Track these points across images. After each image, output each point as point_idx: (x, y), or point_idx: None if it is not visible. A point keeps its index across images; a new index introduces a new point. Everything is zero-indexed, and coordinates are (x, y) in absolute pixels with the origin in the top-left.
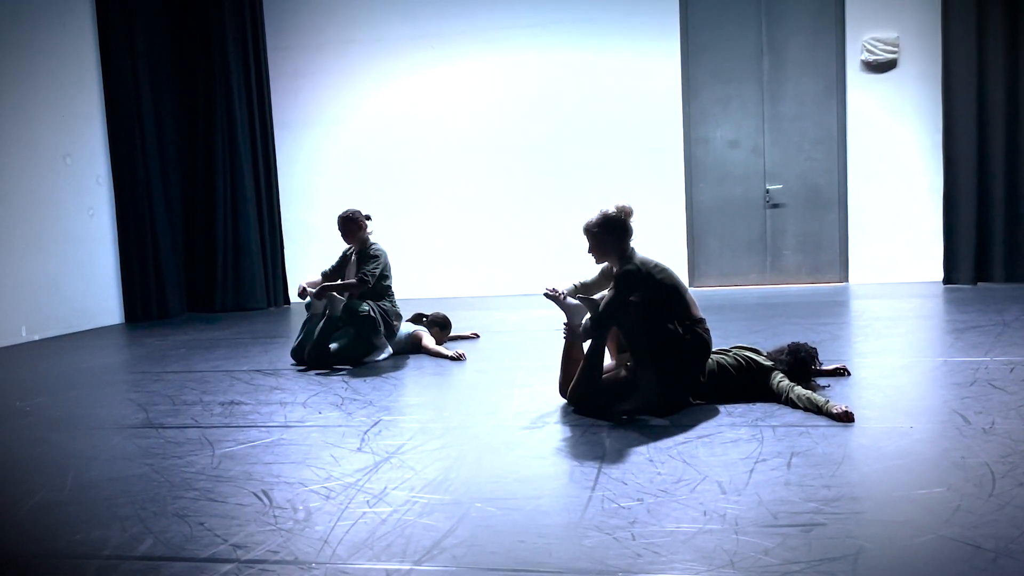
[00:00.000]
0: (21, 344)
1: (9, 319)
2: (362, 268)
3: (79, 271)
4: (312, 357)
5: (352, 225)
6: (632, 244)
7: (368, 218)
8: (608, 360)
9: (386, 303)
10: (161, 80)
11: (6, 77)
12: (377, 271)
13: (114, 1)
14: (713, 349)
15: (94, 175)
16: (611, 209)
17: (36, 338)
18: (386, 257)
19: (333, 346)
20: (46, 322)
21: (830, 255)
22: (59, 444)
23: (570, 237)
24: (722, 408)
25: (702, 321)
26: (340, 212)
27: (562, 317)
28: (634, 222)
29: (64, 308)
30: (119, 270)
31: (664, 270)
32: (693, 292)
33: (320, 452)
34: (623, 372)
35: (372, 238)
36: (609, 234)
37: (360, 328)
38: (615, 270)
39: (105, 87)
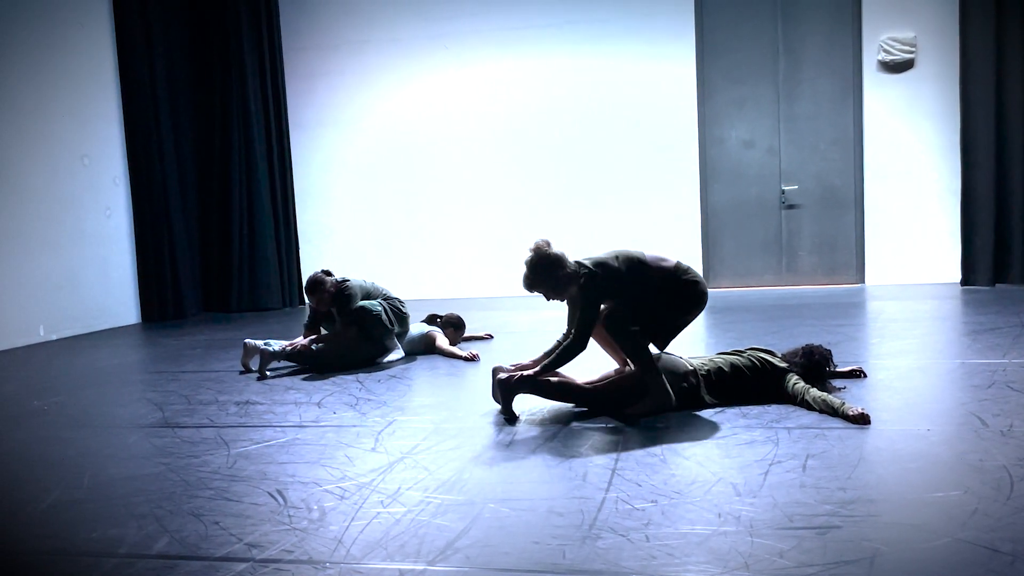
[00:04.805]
0: (39, 343)
1: (27, 318)
2: (342, 314)
3: (96, 271)
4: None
5: (321, 287)
6: (571, 260)
7: (328, 273)
8: (610, 366)
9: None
10: (178, 81)
11: (25, 78)
12: (354, 306)
13: (132, 3)
14: (728, 350)
15: (111, 176)
16: (531, 255)
17: (54, 337)
18: (359, 287)
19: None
20: (64, 321)
21: (846, 256)
22: (76, 443)
23: (583, 237)
24: (737, 410)
25: (678, 270)
26: (306, 287)
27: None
28: (556, 247)
29: (81, 308)
30: (136, 270)
31: (616, 255)
32: (708, 292)
33: (334, 452)
34: (632, 373)
35: (339, 278)
36: (550, 271)
37: (372, 330)
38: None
39: (122, 89)
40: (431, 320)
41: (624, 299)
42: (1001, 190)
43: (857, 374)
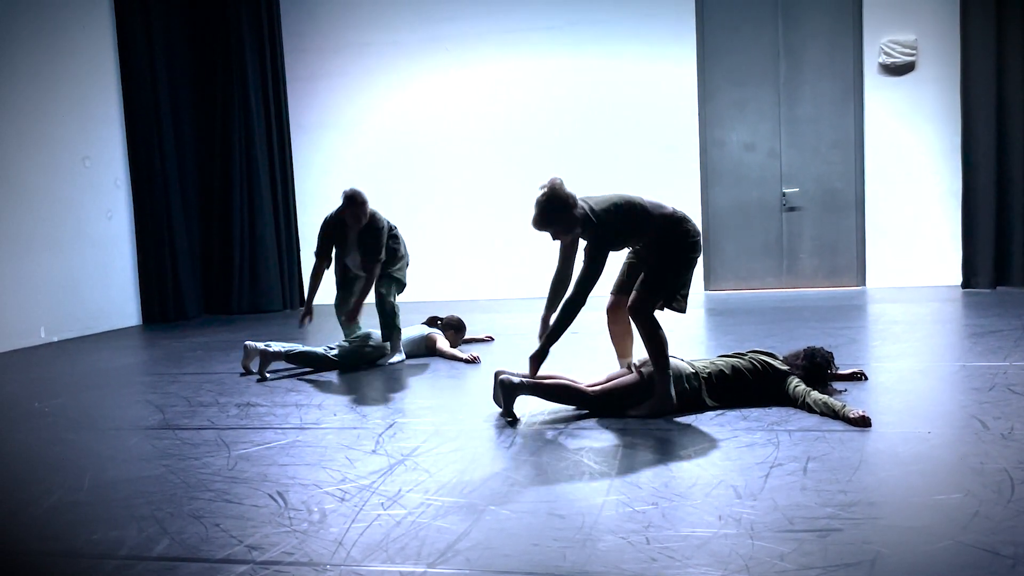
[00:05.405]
0: (40, 345)
1: (28, 320)
2: (366, 247)
3: (97, 273)
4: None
5: (363, 203)
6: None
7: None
8: (614, 368)
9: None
10: (179, 83)
11: (27, 80)
12: (382, 244)
13: (133, 5)
14: (729, 353)
15: (113, 178)
16: (545, 191)
17: (55, 339)
18: (385, 227)
19: (337, 352)
20: (65, 323)
21: (847, 259)
22: (77, 444)
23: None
24: (737, 412)
25: (675, 216)
26: (351, 197)
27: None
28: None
29: (82, 310)
30: (137, 272)
31: (615, 203)
32: (708, 295)
33: (335, 454)
34: (634, 375)
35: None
36: (563, 210)
37: (383, 323)
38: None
39: (124, 90)
40: (432, 322)
41: (624, 247)
42: (1002, 192)
43: (858, 377)
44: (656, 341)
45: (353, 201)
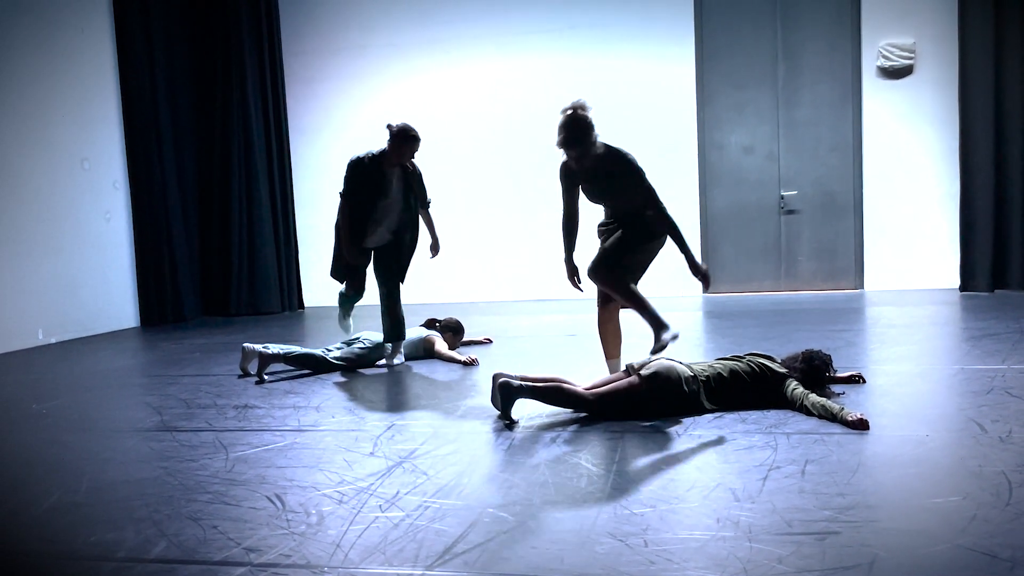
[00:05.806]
0: (38, 347)
1: (26, 322)
2: (412, 188)
3: (96, 275)
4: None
5: (419, 140)
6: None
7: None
8: (606, 373)
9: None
10: (178, 85)
11: (26, 82)
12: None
13: (132, 8)
14: (727, 356)
15: (111, 179)
16: (572, 112)
17: (53, 341)
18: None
19: (335, 354)
20: (63, 325)
21: (845, 261)
22: (75, 446)
23: (582, 239)
24: (736, 415)
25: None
26: (409, 131)
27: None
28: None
29: (81, 311)
30: (135, 274)
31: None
32: (706, 298)
33: (333, 456)
34: (632, 378)
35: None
36: (588, 132)
37: (390, 327)
38: (610, 160)
39: (123, 93)
40: (430, 324)
41: (609, 202)
42: (1000, 195)
43: (856, 380)
44: (627, 292)
45: (409, 136)
